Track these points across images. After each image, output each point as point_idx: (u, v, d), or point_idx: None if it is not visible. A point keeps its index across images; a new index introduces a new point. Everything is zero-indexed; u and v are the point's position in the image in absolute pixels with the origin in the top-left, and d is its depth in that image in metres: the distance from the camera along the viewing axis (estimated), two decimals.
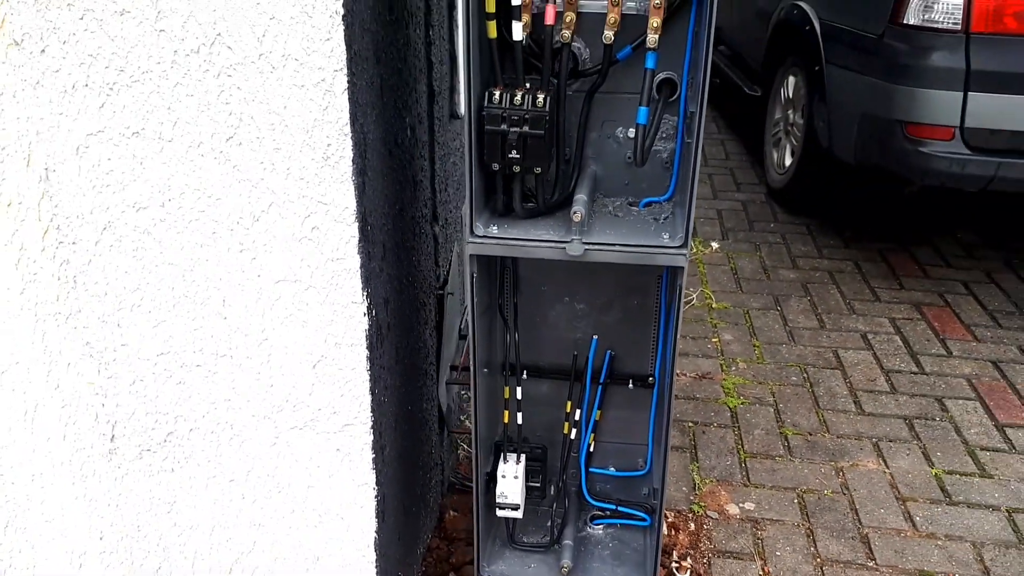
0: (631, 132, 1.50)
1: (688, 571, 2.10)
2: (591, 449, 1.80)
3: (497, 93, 1.35)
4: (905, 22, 3.10)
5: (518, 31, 1.32)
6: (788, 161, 4.22)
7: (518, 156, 1.36)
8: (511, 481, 1.67)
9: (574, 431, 1.75)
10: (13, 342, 1.45)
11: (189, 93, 1.23)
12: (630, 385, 1.72)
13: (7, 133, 1.29)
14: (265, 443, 1.50)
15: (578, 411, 1.73)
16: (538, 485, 1.77)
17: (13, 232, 1.36)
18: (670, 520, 2.28)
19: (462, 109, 1.71)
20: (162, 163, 1.28)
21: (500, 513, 1.68)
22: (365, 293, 1.37)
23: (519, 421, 1.68)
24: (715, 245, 3.94)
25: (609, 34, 1.37)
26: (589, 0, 1.40)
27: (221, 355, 1.42)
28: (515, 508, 1.67)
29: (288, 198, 1.30)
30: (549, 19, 1.32)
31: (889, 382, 2.92)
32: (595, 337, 1.67)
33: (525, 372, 1.73)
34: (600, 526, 1.84)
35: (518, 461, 1.70)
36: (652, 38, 1.33)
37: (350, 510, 1.54)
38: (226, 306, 1.38)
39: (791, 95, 4.16)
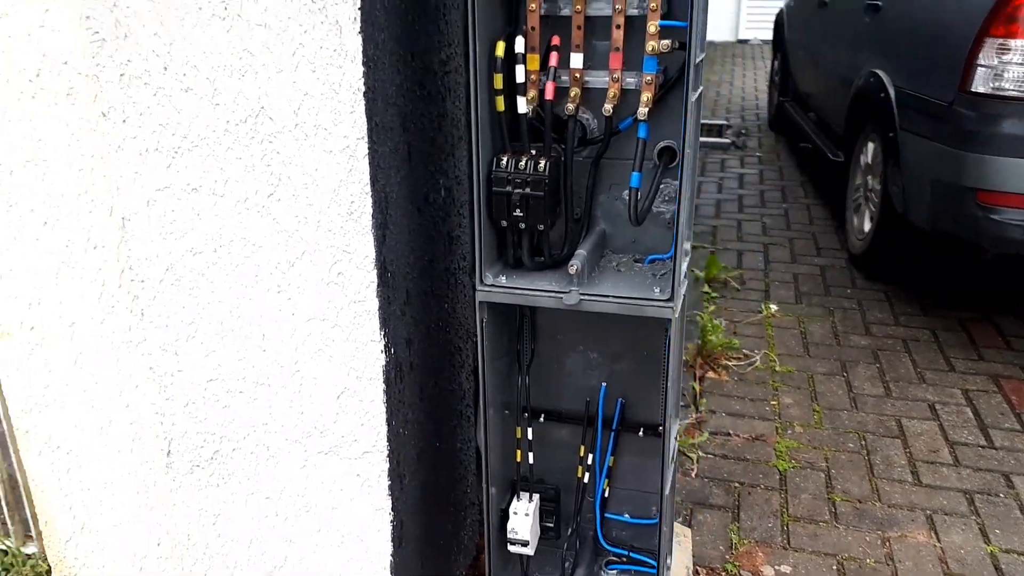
0: None
1: None
2: (606, 495, 1.88)
3: (505, 159, 1.51)
4: (974, 90, 3.08)
5: (522, 105, 1.49)
6: (867, 227, 4.17)
7: (521, 214, 1.51)
8: (522, 518, 1.77)
9: (587, 475, 1.84)
10: (94, 365, 1.70)
11: (238, 156, 1.46)
12: (640, 433, 1.80)
13: (96, 188, 1.56)
14: (296, 465, 1.67)
15: (591, 456, 1.82)
16: (552, 525, 1.86)
17: (98, 269, 1.62)
18: None
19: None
20: (215, 215, 1.50)
21: (511, 548, 1.78)
22: (383, 332, 1.53)
23: (531, 461, 1.79)
24: (774, 307, 3.93)
25: (608, 107, 1.52)
26: (594, 76, 1.55)
27: (260, 383, 1.62)
28: (524, 544, 1.77)
29: (318, 247, 1.49)
30: (548, 95, 1.48)
31: (953, 454, 2.83)
32: (604, 384, 1.77)
33: (543, 416, 1.85)
34: (614, 571, 1.90)
35: (530, 500, 1.80)
36: (642, 111, 1.46)
37: (368, 533, 1.69)
38: (265, 340, 1.58)
39: (870, 161, 4.13)
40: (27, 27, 1.48)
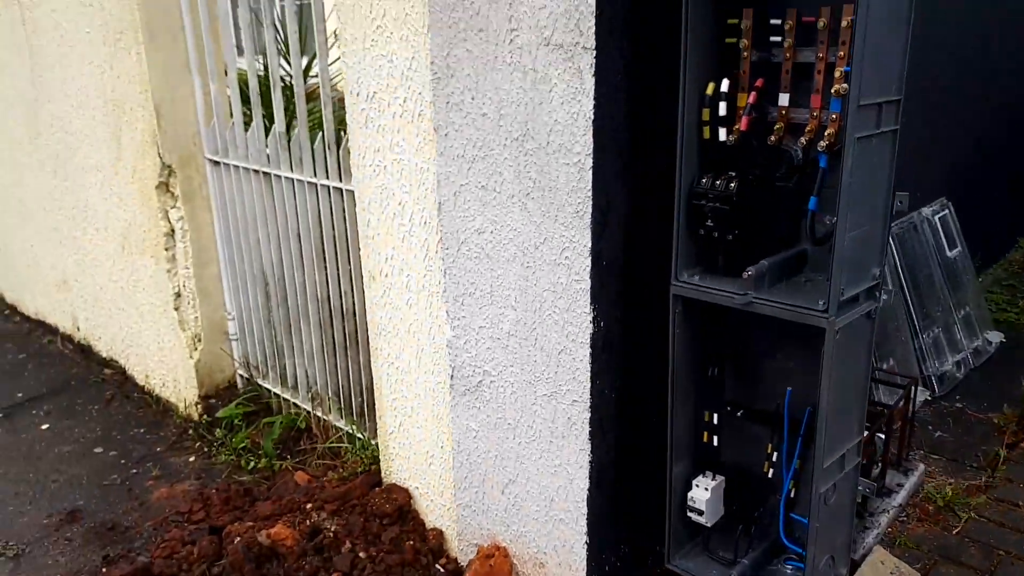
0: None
1: None
2: (792, 495, 2.04)
3: (705, 178, 1.84)
4: None
5: (723, 134, 1.80)
6: None
7: (712, 224, 1.82)
8: (702, 491, 2.04)
9: (772, 471, 2.03)
10: (417, 306, 2.41)
11: (511, 164, 2.02)
12: None
13: (428, 182, 2.25)
14: (528, 402, 2.18)
15: (775, 454, 2.01)
16: (736, 509, 2.08)
17: (424, 239, 2.31)
18: None
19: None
20: (493, 206, 2.08)
21: (689, 515, 2.06)
22: (593, 307, 1.96)
23: (715, 443, 2.05)
24: None
25: (803, 140, 1.75)
26: (799, 112, 1.79)
27: (511, 335, 2.16)
28: (700, 513, 2.04)
29: (554, 236, 1.98)
30: (743, 126, 1.77)
31: None
32: (789, 389, 1.95)
33: (731, 407, 2.09)
34: (790, 567, 2.05)
35: (713, 479, 2.06)
36: (823, 144, 1.67)
37: (573, 467, 2.12)
38: (516, 302, 2.12)
39: None
40: (401, 69, 2.22)
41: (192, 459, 3.33)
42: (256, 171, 3.14)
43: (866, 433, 2.34)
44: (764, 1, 1.78)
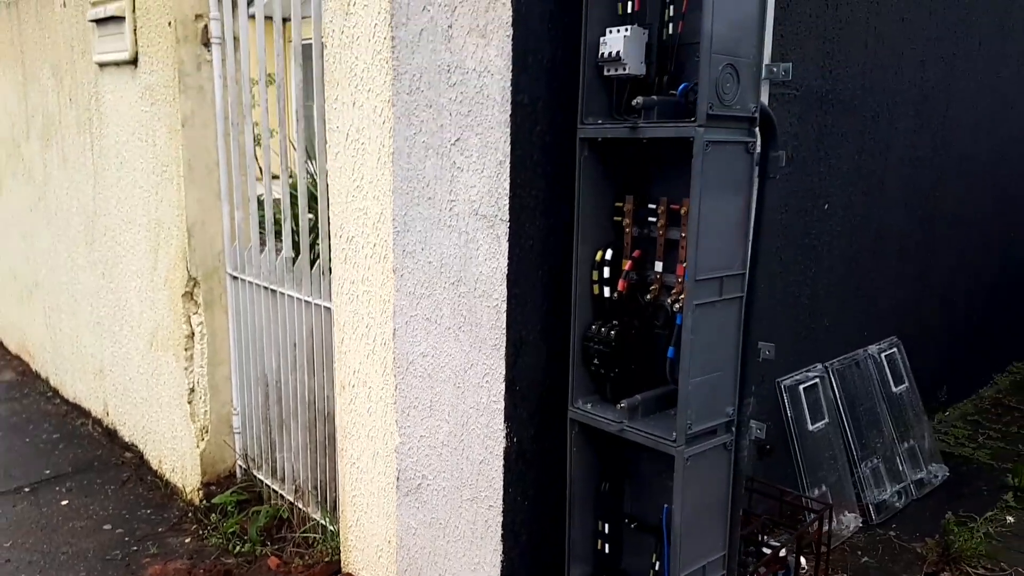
0: None
1: None
2: None
3: (594, 326, 2.26)
4: None
5: (607, 292, 2.23)
6: None
7: (598, 362, 2.23)
8: None
9: None
10: (375, 416, 2.82)
11: (448, 303, 2.47)
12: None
13: (388, 311, 2.71)
14: (456, 505, 2.55)
15: (658, 563, 2.34)
16: None
17: (383, 357, 2.75)
18: None
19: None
20: (435, 335, 2.52)
21: None
22: (507, 425, 2.36)
23: (606, 551, 2.38)
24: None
25: (669, 300, 2.17)
26: (669, 277, 2.22)
27: (445, 444, 2.56)
28: None
29: (478, 362, 2.40)
30: (621, 288, 2.20)
31: None
32: (666, 506, 2.29)
33: (635, 524, 2.42)
34: None
35: None
36: (678, 305, 2.09)
37: (487, 566, 2.46)
38: (450, 417, 2.53)
39: None
40: (373, 221, 2.72)
41: (188, 540, 3.72)
42: (266, 287, 3.66)
43: (779, 551, 2.66)
44: (642, 190, 2.24)
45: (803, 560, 3.23)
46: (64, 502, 4.08)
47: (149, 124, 4.00)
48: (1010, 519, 3.77)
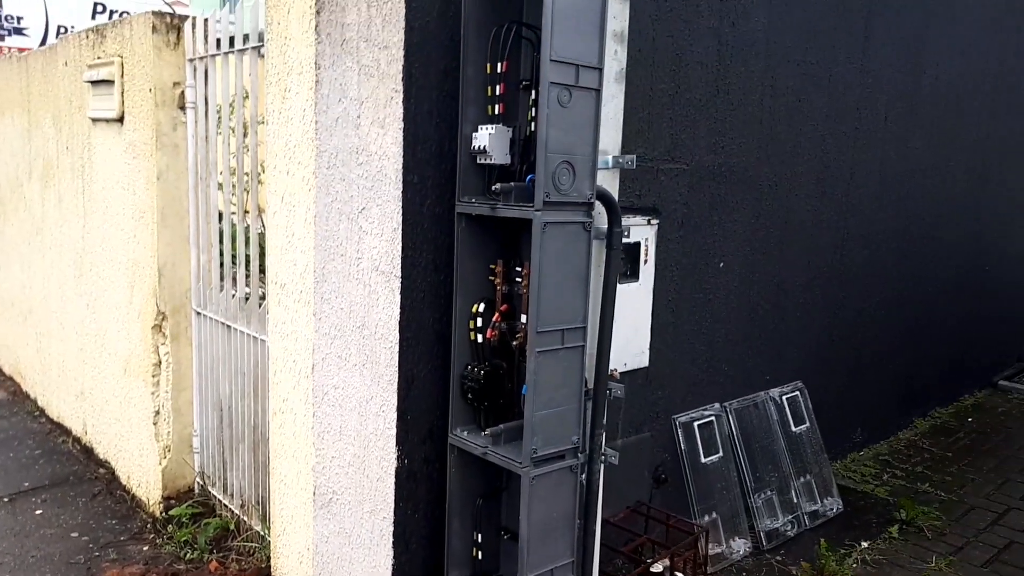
0: None
1: None
2: None
3: (469, 366, 2.71)
4: None
5: (480, 338, 2.69)
6: None
7: (471, 397, 2.68)
8: None
9: None
10: (299, 440, 3.27)
11: (355, 344, 2.92)
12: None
13: (309, 348, 3.17)
14: (359, 517, 2.98)
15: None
16: None
17: (306, 388, 3.21)
18: None
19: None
20: (345, 370, 2.98)
21: None
22: (399, 448, 2.80)
23: (480, 557, 2.81)
24: (944, 565, 3.91)
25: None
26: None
27: (351, 464, 3.00)
28: None
29: (376, 395, 2.85)
30: (489, 335, 2.66)
31: None
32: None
33: (508, 535, 2.85)
34: None
35: None
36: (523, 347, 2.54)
37: (382, 570, 2.89)
38: (355, 442, 2.97)
39: None
40: (300, 271, 3.20)
41: (146, 548, 4.14)
42: (223, 323, 4.13)
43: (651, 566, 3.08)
44: (513, 253, 2.71)
45: None
46: (38, 512, 4.51)
47: (131, 175, 4.51)
48: (889, 548, 4.15)
